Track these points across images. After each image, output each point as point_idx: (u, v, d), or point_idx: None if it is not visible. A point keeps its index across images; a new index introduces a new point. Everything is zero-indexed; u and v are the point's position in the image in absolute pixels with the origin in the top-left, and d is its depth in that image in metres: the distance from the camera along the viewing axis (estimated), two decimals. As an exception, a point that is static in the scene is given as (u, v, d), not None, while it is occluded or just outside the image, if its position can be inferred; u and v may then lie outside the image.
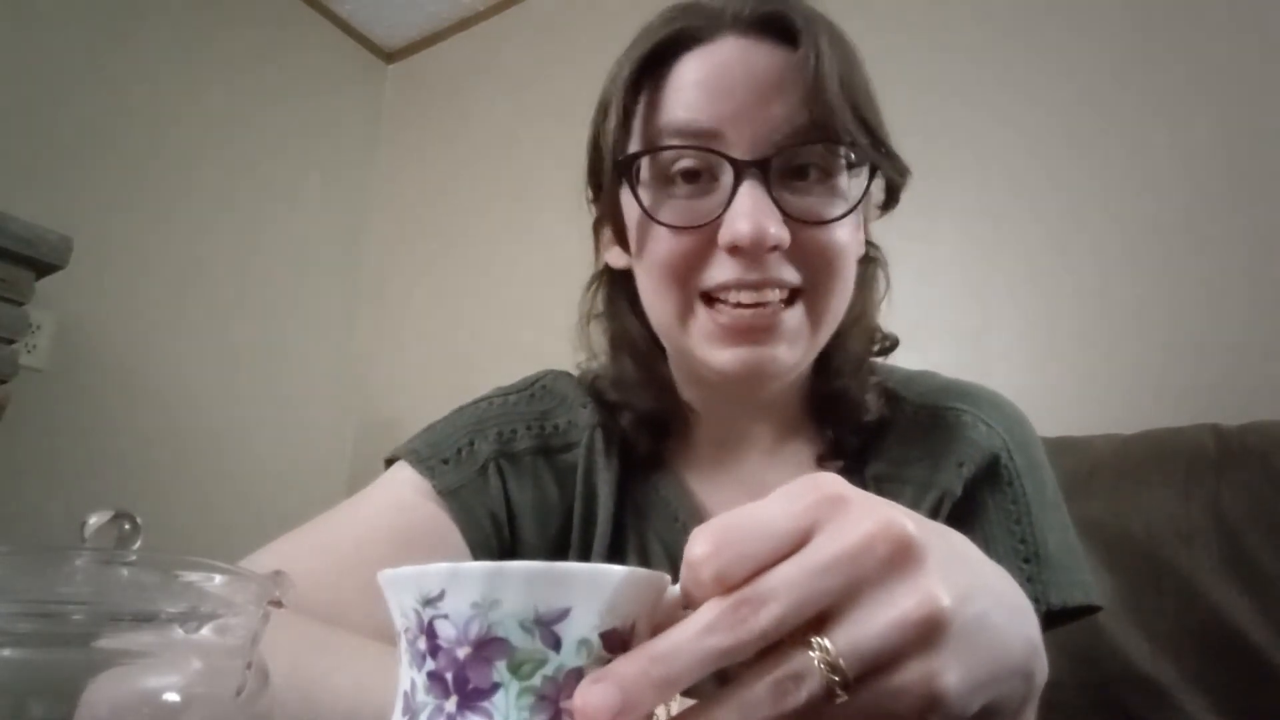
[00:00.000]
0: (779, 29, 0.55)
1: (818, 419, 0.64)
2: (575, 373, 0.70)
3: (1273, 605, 0.86)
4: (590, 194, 0.66)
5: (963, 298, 1.40)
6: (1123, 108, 1.34)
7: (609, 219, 0.61)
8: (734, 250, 0.52)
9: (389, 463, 0.63)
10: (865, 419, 0.61)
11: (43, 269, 1.33)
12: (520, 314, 1.87)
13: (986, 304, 1.39)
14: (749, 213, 0.51)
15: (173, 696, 0.25)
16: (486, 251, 2.04)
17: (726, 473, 0.64)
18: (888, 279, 0.66)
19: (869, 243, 0.64)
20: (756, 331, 0.54)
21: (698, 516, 0.62)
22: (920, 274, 1.36)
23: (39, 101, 1.62)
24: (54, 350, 1.56)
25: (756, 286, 0.53)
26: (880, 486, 0.61)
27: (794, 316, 0.54)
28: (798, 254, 0.53)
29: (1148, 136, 1.31)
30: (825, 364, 0.63)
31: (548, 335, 0.73)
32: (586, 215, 0.67)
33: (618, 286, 0.65)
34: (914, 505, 0.56)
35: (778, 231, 0.51)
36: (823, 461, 0.63)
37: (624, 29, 0.61)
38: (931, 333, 1.25)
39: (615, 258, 0.64)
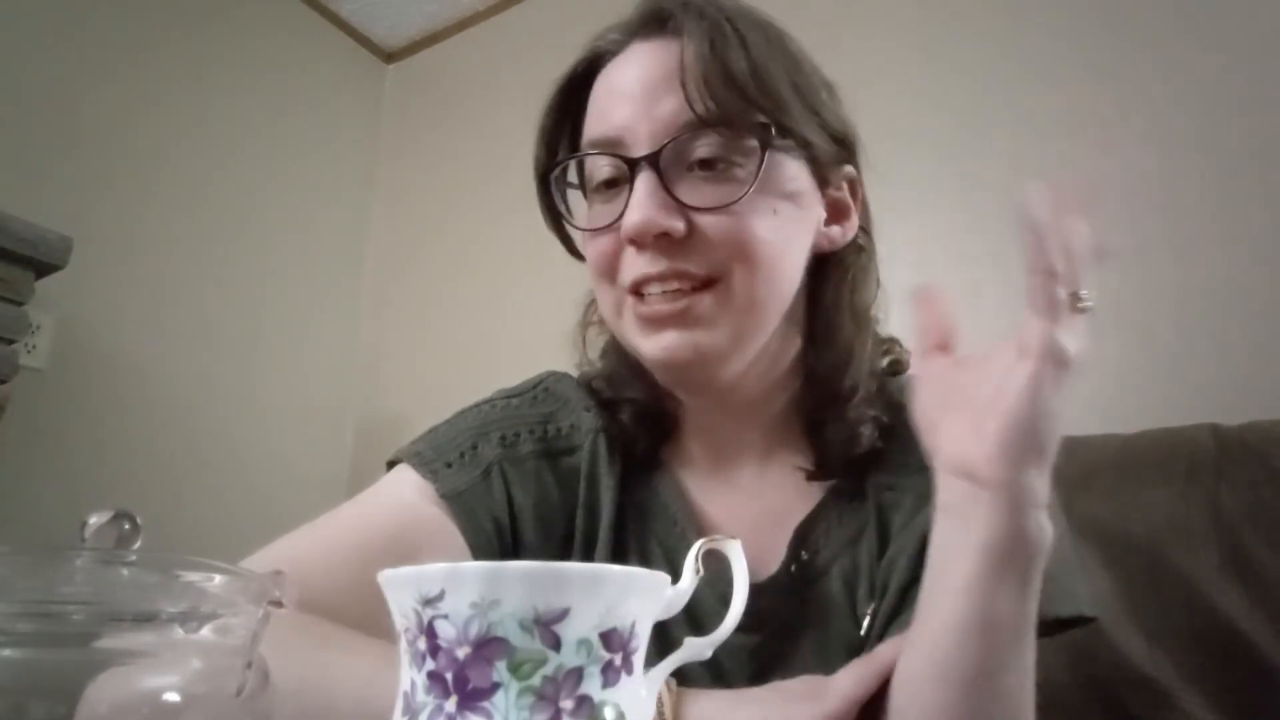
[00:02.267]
0: (666, 24, 0.57)
1: (809, 434, 0.64)
2: (576, 374, 0.70)
3: (1273, 605, 0.86)
4: None
5: (961, 296, 1.40)
6: (1122, 103, 1.34)
7: (553, 232, 0.65)
8: (631, 242, 0.55)
9: (391, 465, 0.63)
10: (855, 451, 0.61)
11: (43, 269, 1.33)
12: (520, 314, 1.87)
13: (985, 303, 1.38)
14: (638, 203, 0.54)
15: (173, 696, 0.25)
16: (487, 251, 2.03)
17: (721, 478, 0.64)
18: (877, 274, 0.65)
19: (863, 230, 0.64)
20: (672, 318, 0.55)
21: (695, 521, 0.63)
22: (917, 272, 1.35)
23: (38, 101, 1.62)
24: (54, 350, 1.56)
25: (662, 278, 0.55)
26: (882, 495, 0.61)
27: (705, 303, 0.55)
28: (704, 242, 0.55)
29: (1150, 134, 1.31)
30: (813, 370, 0.62)
31: (548, 335, 0.73)
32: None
33: None
34: (913, 515, 0.57)
35: (665, 220, 0.53)
36: (810, 478, 0.63)
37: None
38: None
39: None
